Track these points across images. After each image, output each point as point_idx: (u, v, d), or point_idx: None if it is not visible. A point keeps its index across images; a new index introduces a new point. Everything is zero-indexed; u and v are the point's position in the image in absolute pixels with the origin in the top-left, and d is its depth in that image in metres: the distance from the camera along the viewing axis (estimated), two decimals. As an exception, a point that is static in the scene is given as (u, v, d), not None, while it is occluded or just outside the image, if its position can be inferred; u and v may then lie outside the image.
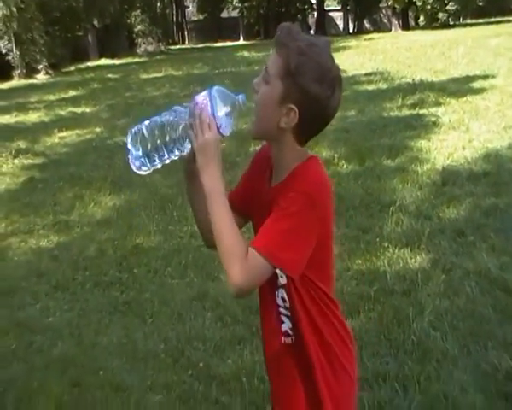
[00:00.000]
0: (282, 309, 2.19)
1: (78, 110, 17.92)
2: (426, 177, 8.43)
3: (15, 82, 30.98)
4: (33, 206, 8.95)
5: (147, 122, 2.11)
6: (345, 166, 9.35)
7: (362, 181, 8.52)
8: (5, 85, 29.05)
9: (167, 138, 2.09)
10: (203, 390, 4.38)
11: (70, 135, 14.10)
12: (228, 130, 2.10)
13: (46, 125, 15.81)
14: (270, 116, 2.06)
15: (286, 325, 2.20)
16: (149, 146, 2.09)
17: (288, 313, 2.18)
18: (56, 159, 11.97)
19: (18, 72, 33.09)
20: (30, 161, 11.92)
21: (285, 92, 2.02)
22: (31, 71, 33.17)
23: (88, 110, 17.86)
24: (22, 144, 13.12)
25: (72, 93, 22.12)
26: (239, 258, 1.94)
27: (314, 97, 2.01)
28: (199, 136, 2.04)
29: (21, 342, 5.26)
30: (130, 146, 2.11)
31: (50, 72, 33.46)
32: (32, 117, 17.40)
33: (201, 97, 2.09)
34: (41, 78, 32.22)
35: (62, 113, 17.73)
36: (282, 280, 2.14)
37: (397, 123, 11.94)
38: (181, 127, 2.10)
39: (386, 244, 6.43)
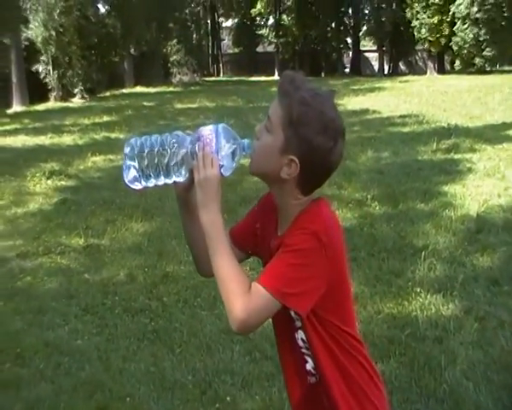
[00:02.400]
0: (304, 350, 2.15)
1: (112, 135, 18.07)
2: (460, 223, 8.34)
3: (51, 104, 31.42)
4: (65, 227, 9.00)
5: (148, 138, 2.09)
6: (378, 207, 9.30)
7: (395, 224, 8.45)
8: (42, 107, 29.48)
9: (166, 160, 2.06)
10: (230, 425, 4.34)
11: (103, 160, 14.20)
12: (228, 171, 2.08)
13: (80, 148, 15.94)
14: (271, 166, 2.03)
15: (309, 365, 2.15)
16: (146, 163, 2.06)
17: (310, 353, 2.14)
18: (89, 182, 12.05)
19: (54, 94, 33.57)
20: (63, 182, 12.02)
21: (286, 143, 1.99)
22: (67, 94, 33.64)
23: (122, 136, 17.96)
24: (56, 166, 13.23)
25: (106, 118, 22.33)
26: (241, 293, 1.92)
27: (316, 149, 1.98)
28: (201, 170, 2.02)
29: (49, 363, 5.27)
30: (126, 158, 2.08)
31: (86, 96, 33.92)
32: (67, 140, 17.58)
33: (207, 131, 2.07)
34: (76, 101, 32.64)
35: (96, 137, 17.89)
36: (298, 323, 2.11)
37: (431, 167, 11.88)
38: (181, 153, 2.06)
39: (418, 289, 6.35)
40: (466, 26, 44.73)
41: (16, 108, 30.43)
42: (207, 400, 4.66)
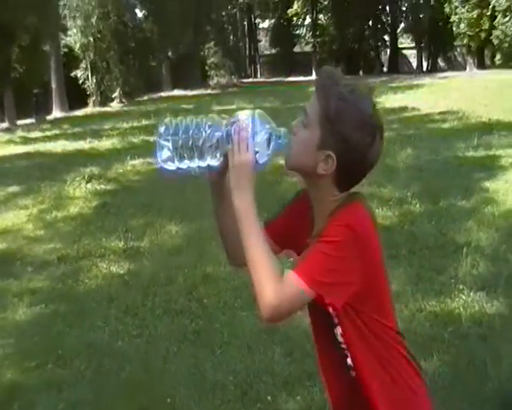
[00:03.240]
0: (343, 345, 2.12)
1: (151, 139, 18.03)
2: (503, 219, 8.20)
3: (90, 109, 31.78)
4: (105, 231, 9.05)
5: (183, 119, 2.05)
6: (418, 205, 9.15)
7: (436, 221, 8.32)
8: (81, 112, 29.79)
9: (201, 142, 2.02)
10: (271, 425, 4.30)
11: (142, 163, 14.21)
12: (263, 158, 2.04)
13: (119, 152, 16.04)
14: (308, 161, 2.02)
15: (349, 359, 2.12)
16: (180, 143, 2.02)
17: (347, 347, 2.11)
18: (128, 186, 12.11)
19: (93, 99, 33.95)
20: (102, 186, 12.08)
21: (323, 138, 1.98)
22: (105, 99, 34.03)
23: (160, 139, 18.00)
24: (95, 170, 13.31)
25: (145, 122, 22.40)
26: (273, 279, 1.89)
27: (353, 145, 1.97)
28: (235, 154, 1.99)
29: (90, 364, 5.29)
30: (161, 137, 2.04)
31: (124, 100, 34.25)
32: (106, 144, 17.69)
33: (244, 116, 2.04)
34: (115, 106, 32.96)
35: (135, 141, 17.96)
36: (336, 319, 2.08)
37: (472, 163, 11.71)
38: (216, 136, 2.03)
39: (461, 286, 6.24)
40: (507, 18, 44.17)
41: (56, 113, 30.86)
42: (248, 400, 4.64)
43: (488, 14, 46.00)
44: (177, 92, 38.19)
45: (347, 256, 1.93)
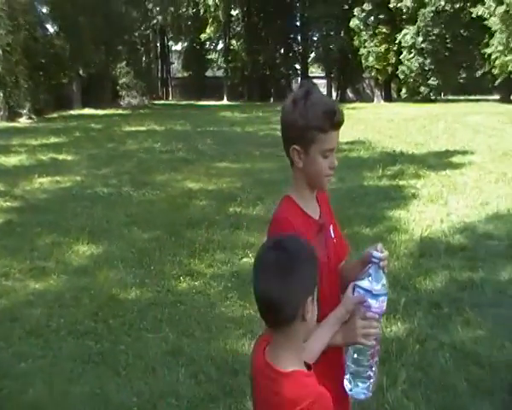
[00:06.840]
0: None
1: (60, 157, 17.90)
2: (403, 247, 8.50)
3: (-3, 124, 30.99)
4: (10, 249, 8.90)
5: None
6: (323, 232, 9.34)
7: (340, 248, 8.51)
8: (-13, 127, 29.03)
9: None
10: (174, 447, 4.35)
11: (50, 181, 14.05)
12: None
13: (27, 169, 15.76)
14: None
15: None
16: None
17: None
18: (35, 204, 11.91)
19: (1, 114, 33.12)
20: (8, 203, 11.87)
21: None
22: (14, 114, 33.21)
23: (69, 158, 17.84)
24: (1, 187, 13.08)
25: (54, 140, 22.11)
26: None
27: None
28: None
29: (-8, 386, 5.20)
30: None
31: (33, 117, 33.52)
32: (13, 160, 17.34)
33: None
34: (24, 122, 32.25)
35: (43, 158, 17.69)
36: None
37: (376, 193, 12.07)
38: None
39: (362, 312, 6.42)
40: (412, 55, 45.72)
41: (-39, 127, 29.98)
42: (152, 422, 4.67)
43: (395, 49, 47.48)
44: (87, 111, 37.77)
45: None
